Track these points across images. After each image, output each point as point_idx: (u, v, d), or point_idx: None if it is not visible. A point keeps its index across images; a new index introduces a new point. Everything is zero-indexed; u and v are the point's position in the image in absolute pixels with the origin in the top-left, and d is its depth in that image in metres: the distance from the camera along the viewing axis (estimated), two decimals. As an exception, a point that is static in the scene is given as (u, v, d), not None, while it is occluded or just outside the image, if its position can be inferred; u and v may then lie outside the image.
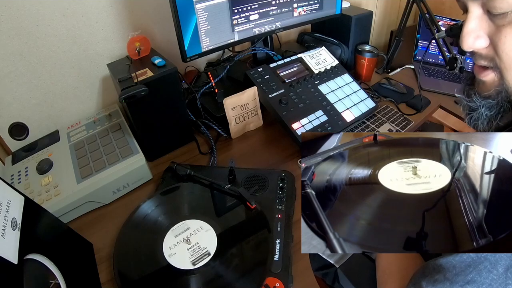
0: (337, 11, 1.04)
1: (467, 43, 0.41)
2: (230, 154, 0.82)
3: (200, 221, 0.60)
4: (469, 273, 0.34)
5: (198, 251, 0.55)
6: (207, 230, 0.58)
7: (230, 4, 0.82)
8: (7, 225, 0.40)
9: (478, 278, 0.33)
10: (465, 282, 0.34)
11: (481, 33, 0.40)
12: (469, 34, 0.40)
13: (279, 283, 0.51)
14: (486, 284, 0.33)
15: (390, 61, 1.16)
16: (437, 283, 0.36)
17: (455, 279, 0.35)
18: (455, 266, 0.35)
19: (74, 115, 0.88)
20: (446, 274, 0.36)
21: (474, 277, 0.34)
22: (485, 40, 0.40)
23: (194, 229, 0.59)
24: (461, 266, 0.35)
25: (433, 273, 0.37)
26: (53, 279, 0.44)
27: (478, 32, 0.40)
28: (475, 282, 0.33)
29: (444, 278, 0.36)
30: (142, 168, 0.71)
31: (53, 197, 0.64)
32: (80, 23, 0.79)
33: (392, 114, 0.95)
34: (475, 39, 0.40)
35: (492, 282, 0.33)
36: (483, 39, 0.40)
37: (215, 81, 0.90)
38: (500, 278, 0.33)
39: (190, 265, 0.53)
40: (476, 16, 0.39)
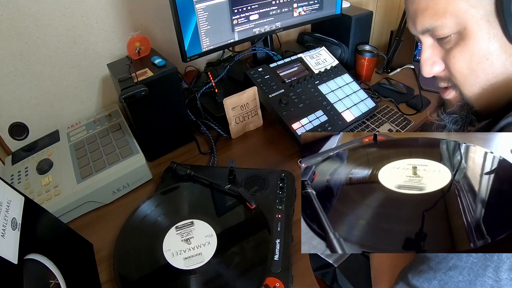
0: (337, 11, 1.04)
1: (426, 70, 0.47)
2: (230, 154, 0.82)
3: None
4: (450, 259, 0.35)
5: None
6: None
7: (230, 4, 0.82)
8: (7, 225, 0.40)
9: (459, 263, 0.35)
10: (447, 269, 0.35)
11: (436, 58, 0.46)
12: (426, 62, 0.47)
13: (279, 283, 0.51)
14: (467, 268, 0.34)
15: (390, 61, 1.16)
16: (422, 273, 0.37)
17: (438, 267, 0.36)
18: (437, 254, 0.37)
19: (74, 115, 0.88)
20: (429, 263, 0.37)
21: (456, 263, 0.35)
22: (439, 64, 0.46)
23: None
24: (443, 253, 0.36)
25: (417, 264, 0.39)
26: (53, 279, 0.44)
27: (433, 59, 0.46)
28: (457, 267, 0.35)
29: (428, 267, 0.37)
30: (142, 168, 0.71)
31: (53, 197, 0.64)
32: (80, 23, 0.79)
33: (392, 114, 0.95)
34: (432, 66, 0.46)
35: (473, 265, 0.34)
36: (438, 64, 0.46)
37: (215, 81, 0.90)
38: (480, 260, 0.34)
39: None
40: (428, 46, 0.46)
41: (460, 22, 0.40)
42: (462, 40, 0.41)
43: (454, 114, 0.49)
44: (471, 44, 0.41)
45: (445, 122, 0.51)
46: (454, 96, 0.48)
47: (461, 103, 0.47)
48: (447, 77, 0.47)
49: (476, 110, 0.47)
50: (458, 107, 0.48)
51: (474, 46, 0.41)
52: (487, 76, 0.42)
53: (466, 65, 0.43)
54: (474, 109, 0.47)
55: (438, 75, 0.48)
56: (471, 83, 0.44)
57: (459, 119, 0.49)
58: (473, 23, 0.40)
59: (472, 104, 0.46)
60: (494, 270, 0.33)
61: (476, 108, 0.46)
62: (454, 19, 0.40)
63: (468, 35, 0.41)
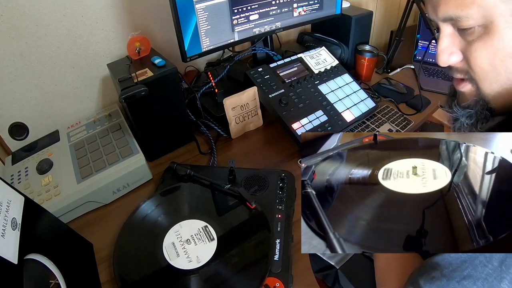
0: (337, 11, 1.04)
1: (442, 60, 0.44)
2: (230, 154, 0.82)
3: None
4: (465, 269, 0.35)
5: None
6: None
7: (230, 4, 0.82)
8: (7, 225, 0.40)
9: (474, 273, 0.34)
10: (462, 278, 0.35)
11: (454, 49, 0.44)
12: (443, 51, 0.44)
13: (279, 283, 0.51)
14: (482, 278, 0.34)
15: (390, 61, 1.16)
16: (435, 280, 0.36)
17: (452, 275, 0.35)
18: (451, 262, 0.36)
19: (74, 115, 0.88)
20: (442, 271, 0.36)
21: (470, 272, 0.34)
22: (458, 55, 0.44)
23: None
24: (457, 262, 0.36)
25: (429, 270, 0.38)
26: (53, 279, 0.44)
27: (452, 49, 0.44)
28: (471, 277, 0.34)
29: (441, 275, 0.36)
30: (142, 168, 0.71)
31: (53, 197, 0.64)
32: (80, 23, 0.79)
33: (392, 114, 0.95)
34: (449, 56, 0.44)
35: (488, 276, 0.33)
36: (456, 54, 0.44)
37: (215, 81, 0.90)
38: (495, 272, 0.33)
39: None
40: (448, 34, 0.43)
41: (487, 15, 0.38)
42: (486, 34, 0.39)
43: (469, 108, 0.47)
44: (495, 40, 0.39)
45: (458, 115, 0.49)
46: (470, 90, 0.46)
47: (477, 98, 0.45)
48: (465, 69, 0.44)
49: (491, 107, 0.45)
50: (474, 101, 0.46)
51: (499, 43, 0.39)
52: (508, 75, 0.41)
53: (489, 61, 0.41)
54: (490, 106, 0.45)
55: (455, 66, 0.45)
56: (491, 80, 0.42)
57: (474, 114, 0.47)
58: (501, 18, 0.38)
59: (489, 101, 0.44)
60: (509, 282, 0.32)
61: (492, 105, 0.44)
62: (481, 11, 0.38)
63: (494, 30, 0.39)
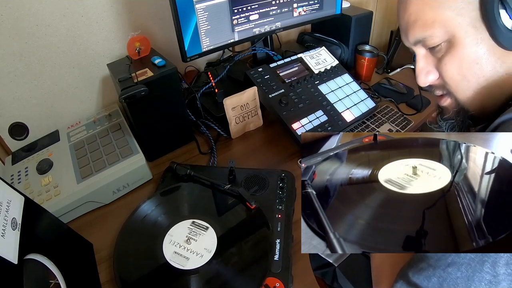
0: (337, 11, 1.04)
1: (422, 80, 0.49)
2: (230, 154, 0.82)
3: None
4: (448, 256, 0.36)
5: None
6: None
7: (230, 4, 0.82)
8: (7, 225, 0.40)
9: (457, 259, 0.35)
10: (446, 265, 0.36)
11: (429, 68, 0.48)
12: (421, 72, 0.48)
13: (279, 283, 0.51)
14: (465, 264, 0.35)
15: (390, 61, 1.16)
16: (422, 271, 0.38)
17: (437, 264, 0.37)
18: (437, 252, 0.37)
19: (74, 115, 0.88)
20: (429, 261, 0.38)
21: (454, 259, 0.35)
22: (434, 74, 0.48)
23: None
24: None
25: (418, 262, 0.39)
26: (53, 279, 0.44)
27: (427, 68, 0.48)
28: (455, 263, 0.35)
29: (427, 265, 0.38)
30: (142, 168, 0.71)
31: (53, 197, 0.64)
32: (80, 23, 0.79)
33: (392, 114, 0.95)
34: (427, 75, 0.48)
35: (470, 261, 0.34)
36: (433, 73, 0.48)
37: (215, 81, 0.90)
38: (477, 256, 0.34)
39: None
40: (422, 56, 0.48)
41: (448, 30, 0.42)
42: (451, 47, 0.43)
43: (451, 120, 0.51)
44: (460, 50, 0.43)
45: (443, 128, 0.53)
46: (450, 103, 0.50)
47: (457, 108, 0.49)
48: (442, 84, 0.48)
49: (472, 114, 0.48)
50: (454, 112, 0.50)
51: (463, 52, 0.43)
52: (478, 80, 0.44)
53: (457, 71, 0.44)
54: (470, 113, 0.48)
55: (433, 84, 0.49)
56: (464, 88, 0.46)
57: (456, 125, 0.51)
58: (460, 30, 0.42)
59: (468, 108, 0.47)
60: (491, 265, 0.33)
61: (471, 112, 0.48)
62: (442, 28, 0.42)
63: (456, 42, 0.42)
